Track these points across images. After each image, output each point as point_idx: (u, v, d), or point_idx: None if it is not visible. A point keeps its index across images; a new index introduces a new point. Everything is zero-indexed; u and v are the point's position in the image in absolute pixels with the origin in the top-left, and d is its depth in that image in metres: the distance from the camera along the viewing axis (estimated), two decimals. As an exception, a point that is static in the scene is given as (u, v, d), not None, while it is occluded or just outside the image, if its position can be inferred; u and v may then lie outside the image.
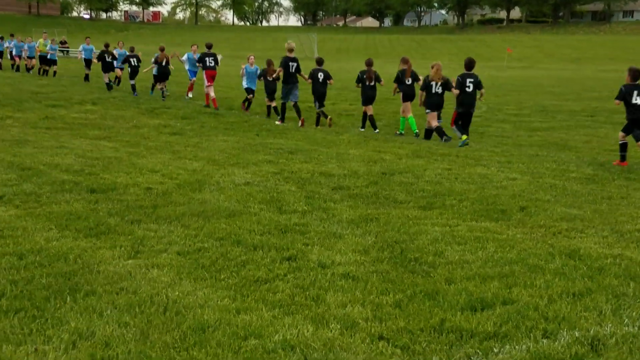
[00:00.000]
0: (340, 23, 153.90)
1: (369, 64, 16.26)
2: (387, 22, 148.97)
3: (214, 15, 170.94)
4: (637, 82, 12.07)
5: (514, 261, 6.21)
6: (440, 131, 14.51)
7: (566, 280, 5.72)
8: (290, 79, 17.19)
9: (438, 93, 14.49)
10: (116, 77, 25.97)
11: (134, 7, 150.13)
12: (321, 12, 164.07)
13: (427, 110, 14.68)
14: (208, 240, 6.67)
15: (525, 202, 8.70)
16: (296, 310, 4.96)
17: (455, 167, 11.21)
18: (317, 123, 17.05)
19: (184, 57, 22.79)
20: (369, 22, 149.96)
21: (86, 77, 28.07)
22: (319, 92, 16.90)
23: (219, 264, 5.98)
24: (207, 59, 20.86)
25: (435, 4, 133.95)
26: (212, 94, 20.27)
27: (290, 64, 17.17)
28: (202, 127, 15.79)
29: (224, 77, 23.86)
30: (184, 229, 7.03)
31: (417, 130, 15.75)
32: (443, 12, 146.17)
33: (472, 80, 14.01)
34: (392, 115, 19.73)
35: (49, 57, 29.97)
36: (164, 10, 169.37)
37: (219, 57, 21.49)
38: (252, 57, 19.73)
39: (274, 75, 18.00)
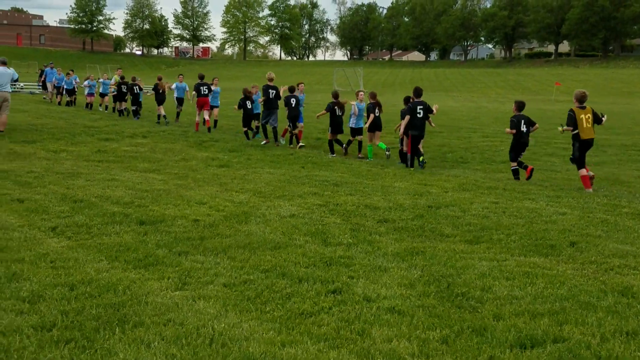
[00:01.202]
0: (387, 57, 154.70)
1: (336, 96, 17.97)
2: (433, 56, 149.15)
3: (262, 50, 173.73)
4: None
5: (565, 298, 6.06)
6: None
7: (619, 318, 5.55)
8: (270, 104, 19.36)
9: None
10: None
11: (185, 44, 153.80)
12: (367, 47, 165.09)
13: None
14: (254, 272, 6.69)
15: (575, 237, 8.51)
16: (341, 344, 4.91)
17: (502, 201, 11.06)
18: (291, 142, 19.24)
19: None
20: (415, 56, 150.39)
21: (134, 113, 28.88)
22: (292, 115, 18.84)
23: (265, 296, 5.98)
24: (201, 88, 23.05)
25: (482, 38, 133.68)
26: (206, 117, 22.74)
27: (270, 91, 19.41)
28: (249, 159, 15.94)
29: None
30: (230, 261, 7.07)
31: (371, 158, 17.03)
32: (490, 46, 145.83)
33: (422, 107, 15.39)
34: (438, 149, 19.62)
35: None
36: (214, 46, 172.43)
37: (215, 88, 23.59)
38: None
39: (260, 101, 19.66)
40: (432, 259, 7.35)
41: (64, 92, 33.17)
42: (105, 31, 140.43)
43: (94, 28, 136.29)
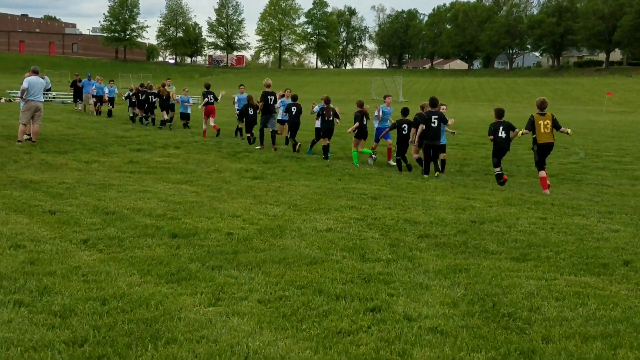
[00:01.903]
0: (427, 66, 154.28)
1: (327, 101, 19.15)
2: (477, 64, 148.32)
3: (297, 59, 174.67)
4: None
5: (619, 320, 5.94)
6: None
7: (678, 342, 5.41)
8: (269, 110, 20.86)
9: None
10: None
11: (219, 52, 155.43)
12: (407, 55, 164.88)
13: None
14: (289, 288, 6.70)
15: (629, 255, 8.35)
16: (381, 365, 4.88)
17: (550, 217, 10.92)
18: (294, 149, 20.26)
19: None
20: (457, 64, 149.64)
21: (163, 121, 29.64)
22: (292, 123, 20.49)
23: (301, 313, 5.99)
24: (208, 96, 25.13)
25: (529, 46, 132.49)
26: (211, 123, 24.73)
27: (269, 97, 20.86)
28: (284, 171, 16.01)
29: (305, 120, 24.28)
30: (264, 276, 7.09)
31: (358, 163, 17.98)
32: (537, 54, 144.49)
33: (436, 117, 16.11)
34: (482, 161, 19.47)
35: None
36: (248, 54, 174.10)
37: (221, 94, 25.98)
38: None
39: (259, 106, 21.15)
40: (476, 277, 7.28)
41: (106, 101, 33.56)
42: (138, 39, 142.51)
43: (127, 36, 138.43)
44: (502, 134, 15.00)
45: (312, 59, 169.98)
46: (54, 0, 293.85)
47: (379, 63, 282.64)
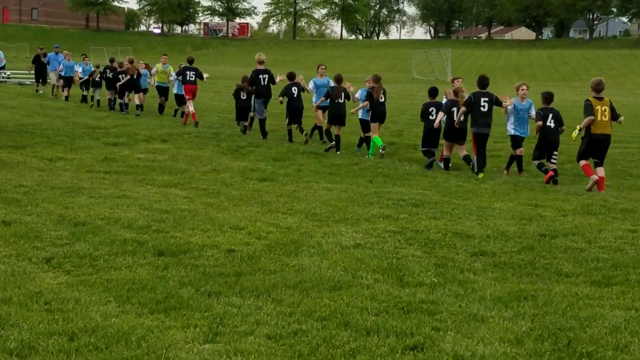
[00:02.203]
0: (483, 35, 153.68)
1: (339, 80, 19.73)
2: (547, 33, 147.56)
3: (317, 27, 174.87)
4: None
5: None
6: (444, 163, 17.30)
7: None
8: (262, 92, 21.55)
9: (461, 121, 16.86)
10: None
11: (217, 19, 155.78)
12: (457, 22, 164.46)
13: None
14: (307, 320, 6.72)
15: None
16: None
17: (642, 229, 10.86)
18: (290, 139, 21.03)
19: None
20: (522, 33, 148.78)
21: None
22: (294, 108, 20.87)
23: (322, 352, 6.00)
24: (188, 72, 25.27)
25: (614, 9, 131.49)
26: (190, 108, 24.87)
27: (261, 76, 21.50)
28: (300, 171, 16.03)
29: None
30: (275, 305, 7.11)
31: (374, 152, 18.81)
32: (624, 19, 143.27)
33: (487, 99, 16.37)
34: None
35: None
36: (254, 22, 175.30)
37: (206, 76, 26.21)
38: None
39: (248, 89, 22.15)
40: (547, 306, 7.26)
41: (76, 82, 33.39)
42: (115, 3, 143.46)
43: (101, 0, 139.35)
44: (550, 123, 15.69)
45: (336, 28, 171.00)
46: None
47: (420, 32, 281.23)
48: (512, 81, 18.62)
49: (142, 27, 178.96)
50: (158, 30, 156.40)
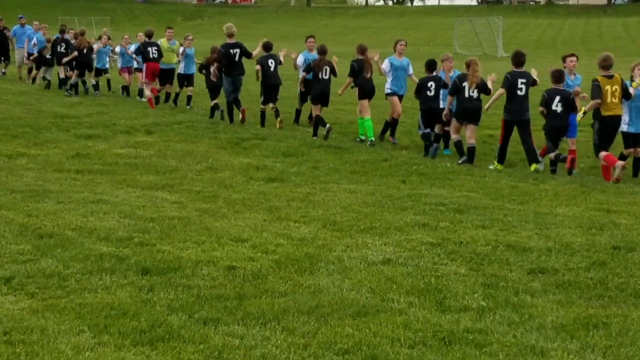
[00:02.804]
0: (542, 0, 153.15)
1: (322, 51, 20.74)
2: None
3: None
4: None
5: None
6: (458, 147, 17.94)
7: None
8: (234, 69, 22.46)
9: (473, 98, 17.63)
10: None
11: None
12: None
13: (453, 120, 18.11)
14: (325, 354, 6.74)
15: None
16: None
17: None
18: (262, 123, 22.13)
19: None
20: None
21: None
22: (270, 84, 21.90)
23: (343, 393, 6.01)
24: (149, 49, 26.50)
25: None
26: (147, 92, 26.60)
27: (232, 51, 22.35)
28: (316, 168, 16.02)
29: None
30: (286, 335, 7.14)
31: (373, 138, 19.82)
32: None
33: (524, 80, 16.97)
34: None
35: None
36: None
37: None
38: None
39: (212, 74, 22.94)
40: (622, 335, 7.25)
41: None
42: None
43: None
44: (557, 106, 16.44)
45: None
46: None
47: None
48: (579, 56, 18.40)
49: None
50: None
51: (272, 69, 21.85)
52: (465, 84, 17.48)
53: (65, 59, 29.29)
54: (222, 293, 8.21)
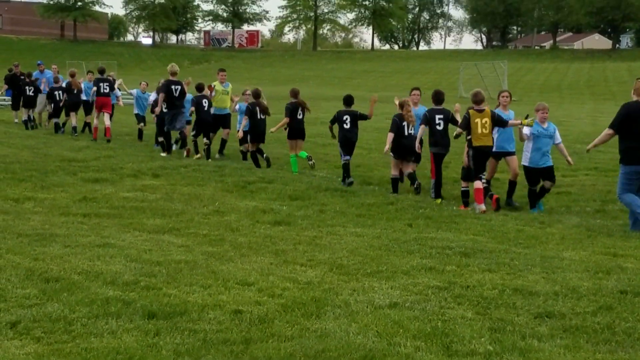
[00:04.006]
0: (547, 44, 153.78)
1: (257, 95, 22.98)
2: (626, 41, 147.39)
3: (343, 35, 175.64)
4: None
5: None
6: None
7: None
8: (174, 104, 24.92)
9: (411, 135, 18.93)
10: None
11: (220, 26, 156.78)
12: (515, 27, 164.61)
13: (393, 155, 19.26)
14: (331, 399, 6.69)
15: None
16: None
17: None
18: (196, 150, 24.78)
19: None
20: (595, 42, 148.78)
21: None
22: (202, 118, 24.71)
23: None
24: (101, 84, 29.16)
25: None
26: (106, 122, 28.85)
27: (173, 87, 24.89)
28: (322, 212, 16.02)
29: (365, 133, 23.99)
30: (292, 380, 7.09)
31: (296, 172, 21.80)
32: None
33: (441, 116, 18.42)
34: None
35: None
36: (266, 29, 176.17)
37: (117, 82, 30.61)
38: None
39: (156, 109, 25.27)
40: (630, 381, 7.19)
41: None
42: (96, 8, 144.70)
43: (80, 3, 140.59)
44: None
45: (366, 36, 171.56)
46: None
47: (470, 41, 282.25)
48: (584, 100, 18.37)
49: (130, 37, 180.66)
50: (149, 40, 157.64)
51: (205, 107, 24.69)
52: (405, 123, 18.78)
53: (62, 103, 31.08)
54: (229, 337, 8.18)
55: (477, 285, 10.41)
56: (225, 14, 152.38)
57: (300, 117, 22.06)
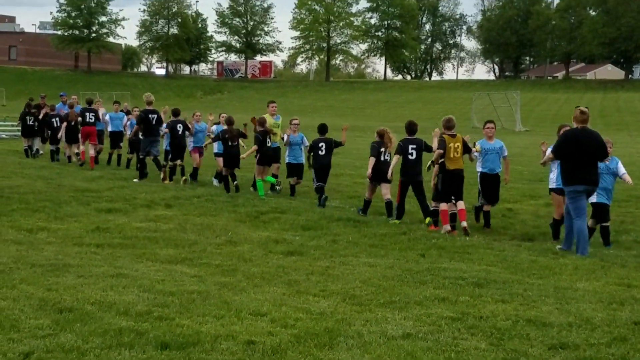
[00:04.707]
0: (559, 75, 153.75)
1: (230, 122, 24.17)
2: (639, 71, 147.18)
3: (355, 65, 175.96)
4: None
5: None
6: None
7: None
8: (151, 132, 26.32)
9: (387, 161, 20.09)
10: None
11: (233, 57, 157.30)
12: (527, 58, 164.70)
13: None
14: None
15: None
16: None
17: None
18: (170, 178, 26.00)
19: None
20: (607, 72, 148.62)
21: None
22: (176, 144, 26.12)
23: None
24: (87, 114, 30.42)
25: None
26: (91, 152, 30.18)
27: (150, 116, 26.29)
28: (335, 242, 16.01)
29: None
30: (305, 411, 7.07)
31: (264, 196, 22.60)
32: None
33: (415, 146, 19.32)
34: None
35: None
36: (279, 60, 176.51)
37: (101, 112, 31.43)
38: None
39: (131, 134, 27.56)
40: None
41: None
42: (110, 39, 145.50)
43: (93, 35, 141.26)
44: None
45: (379, 66, 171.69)
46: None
47: (482, 71, 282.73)
48: (597, 130, 18.36)
49: (143, 68, 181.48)
50: (162, 71, 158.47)
51: (179, 131, 26.09)
52: (383, 149, 20.06)
53: (60, 134, 31.80)
54: (241, 368, 8.17)
55: (490, 316, 10.38)
56: (238, 45, 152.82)
57: (269, 144, 23.26)
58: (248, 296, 11.28)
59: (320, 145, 21.99)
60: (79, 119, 30.35)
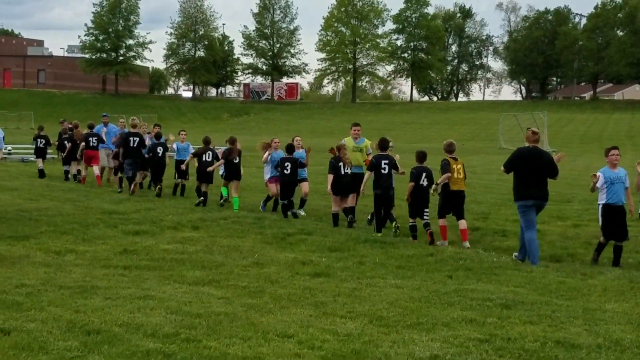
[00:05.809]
0: (587, 95, 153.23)
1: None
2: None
3: (381, 87, 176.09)
4: None
5: None
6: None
7: None
8: (132, 154, 28.22)
9: (347, 174, 22.05)
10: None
11: (260, 79, 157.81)
12: (555, 79, 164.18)
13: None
14: None
15: None
16: None
17: None
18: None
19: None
20: (636, 92, 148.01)
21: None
22: (158, 164, 28.42)
23: None
24: (90, 139, 31.75)
25: None
26: (95, 171, 31.86)
27: (131, 139, 28.25)
28: (362, 263, 16.01)
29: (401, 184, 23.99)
30: None
31: (237, 210, 24.40)
32: None
33: (387, 161, 20.59)
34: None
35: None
36: (305, 81, 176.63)
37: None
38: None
39: (112, 154, 30.30)
40: None
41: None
42: (138, 62, 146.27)
43: (121, 58, 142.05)
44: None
45: (405, 88, 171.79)
46: (10, 6, 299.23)
47: (509, 92, 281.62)
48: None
49: (170, 90, 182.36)
50: (189, 94, 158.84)
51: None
52: (341, 164, 21.84)
53: (63, 156, 34.34)
54: (268, 389, 8.18)
55: (518, 338, 10.35)
56: (264, 67, 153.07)
57: (236, 161, 25.36)
58: (275, 318, 11.30)
59: (286, 164, 23.27)
60: (82, 143, 31.79)
